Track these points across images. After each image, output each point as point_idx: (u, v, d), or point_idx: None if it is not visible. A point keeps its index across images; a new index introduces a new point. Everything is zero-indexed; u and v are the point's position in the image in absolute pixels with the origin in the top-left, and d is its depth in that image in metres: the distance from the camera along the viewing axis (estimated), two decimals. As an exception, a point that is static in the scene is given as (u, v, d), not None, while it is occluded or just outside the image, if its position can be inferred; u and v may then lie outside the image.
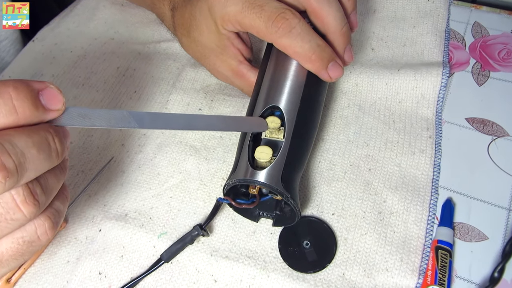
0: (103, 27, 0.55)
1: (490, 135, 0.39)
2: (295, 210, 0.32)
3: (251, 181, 0.31)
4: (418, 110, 0.41)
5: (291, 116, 0.33)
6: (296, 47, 0.33)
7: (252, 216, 0.36)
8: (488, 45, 0.45)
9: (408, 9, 0.49)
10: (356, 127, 0.41)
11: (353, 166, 0.38)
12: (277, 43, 0.34)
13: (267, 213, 0.36)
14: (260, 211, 0.36)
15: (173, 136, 0.42)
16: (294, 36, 0.33)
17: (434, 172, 0.37)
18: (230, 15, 0.35)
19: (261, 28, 0.33)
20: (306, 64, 0.34)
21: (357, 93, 0.43)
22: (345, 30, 0.35)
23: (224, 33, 0.38)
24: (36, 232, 0.26)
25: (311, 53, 0.33)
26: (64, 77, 0.50)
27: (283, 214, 0.35)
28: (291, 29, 0.32)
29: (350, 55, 0.37)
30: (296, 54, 0.33)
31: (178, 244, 0.35)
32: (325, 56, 0.34)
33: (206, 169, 0.40)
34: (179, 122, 0.29)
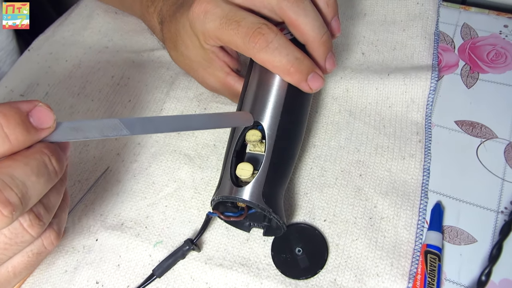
0: (97, 35, 0.56)
1: (479, 137, 0.40)
2: (279, 224, 0.33)
3: (234, 198, 0.32)
4: (408, 114, 0.42)
5: (272, 130, 0.34)
6: (274, 62, 0.33)
7: (243, 227, 0.37)
8: (477, 46, 0.46)
9: (398, 12, 0.49)
10: (347, 133, 0.41)
11: (344, 172, 0.39)
12: (255, 58, 0.34)
13: (257, 224, 0.36)
14: (250, 222, 0.36)
15: (167, 145, 0.43)
16: (271, 51, 0.33)
17: (424, 176, 0.38)
18: (210, 32, 0.35)
19: (239, 44, 0.34)
20: (286, 77, 0.34)
21: (348, 99, 0.43)
22: (325, 39, 0.35)
23: (207, 47, 0.39)
24: (43, 244, 0.28)
25: (289, 66, 0.33)
26: (60, 87, 0.51)
27: (271, 225, 0.36)
28: (268, 43, 0.33)
29: (332, 63, 0.36)
30: (275, 68, 0.34)
31: (169, 259, 0.36)
32: (303, 69, 0.34)
33: (200, 178, 0.41)
34: (169, 125, 0.29)
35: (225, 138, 0.43)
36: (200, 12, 0.35)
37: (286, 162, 0.35)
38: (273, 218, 0.33)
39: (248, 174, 0.32)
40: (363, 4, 0.51)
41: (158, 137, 0.44)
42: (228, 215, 0.34)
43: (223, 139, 0.43)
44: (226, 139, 0.43)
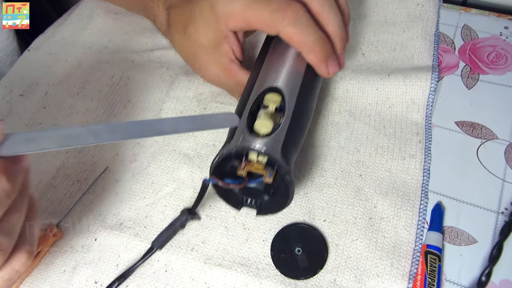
0: (97, 35, 0.56)
1: (479, 138, 0.40)
2: (288, 190, 0.31)
3: (250, 148, 0.30)
4: (408, 115, 0.42)
5: (292, 96, 0.33)
6: (301, 37, 0.33)
7: (235, 202, 0.35)
8: (477, 48, 0.46)
9: (398, 13, 0.49)
10: (347, 133, 0.41)
11: (344, 172, 0.39)
12: (283, 32, 0.34)
13: (252, 200, 0.35)
14: (244, 197, 0.35)
15: (167, 145, 0.43)
16: (300, 26, 0.33)
17: (424, 176, 0.38)
18: (236, 11, 0.36)
19: (267, 19, 0.34)
20: (309, 55, 0.34)
21: (348, 99, 0.43)
22: (344, 35, 0.36)
23: (223, 30, 0.39)
24: (14, 269, 0.25)
25: (314, 44, 0.34)
26: (59, 87, 0.51)
27: (271, 200, 0.34)
28: (298, 18, 0.33)
29: (343, 61, 0.37)
30: (300, 44, 0.34)
31: (168, 230, 0.35)
32: (326, 50, 0.35)
33: (199, 177, 0.41)
34: (143, 130, 0.27)
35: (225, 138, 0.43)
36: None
37: (302, 128, 0.35)
38: (286, 181, 0.31)
39: (268, 129, 0.31)
40: (364, 5, 0.51)
41: (158, 138, 0.44)
42: (227, 182, 0.32)
43: (223, 139, 0.43)
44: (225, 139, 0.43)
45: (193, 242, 0.37)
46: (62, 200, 0.41)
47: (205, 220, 0.38)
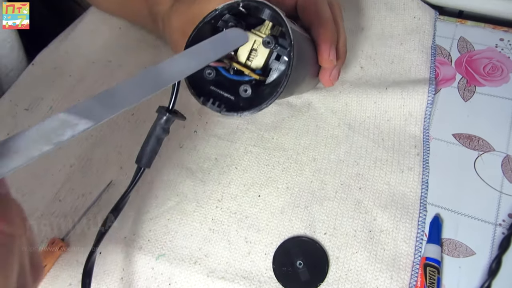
0: (101, 50, 0.56)
1: (477, 150, 0.40)
2: (288, 70, 0.28)
3: (260, 2, 0.28)
4: (406, 127, 0.42)
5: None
6: (320, 6, 0.35)
7: (202, 92, 0.31)
8: (473, 60, 0.46)
9: (395, 26, 0.50)
10: (346, 146, 0.42)
11: (344, 185, 0.40)
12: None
13: (226, 94, 0.31)
14: (215, 89, 0.31)
15: (169, 159, 0.44)
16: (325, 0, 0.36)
17: (422, 189, 0.38)
18: None
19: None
20: (319, 29, 0.35)
21: (347, 113, 0.44)
22: (345, 51, 0.38)
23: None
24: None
25: (329, 20, 0.35)
26: (63, 102, 0.52)
27: (256, 95, 0.30)
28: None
29: (338, 73, 0.39)
30: (317, 14, 0.35)
31: (150, 140, 0.29)
32: (334, 34, 0.35)
33: (202, 191, 0.41)
34: (145, 86, 0.23)
35: (227, 152, 0.44)
36: None
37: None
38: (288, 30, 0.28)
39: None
40: (361, 18, 0.52)
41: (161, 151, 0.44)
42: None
43: (224, 153, 0.44)
44: (228, 153, 0.43)
45: (196, 255, 0.38)
46: (68, 214, 0.42)
47: (208, 233, 0.39)
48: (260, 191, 0.40)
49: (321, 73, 0.38)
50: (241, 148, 0.44)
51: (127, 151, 0.46)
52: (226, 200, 0.40)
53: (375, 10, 0.51)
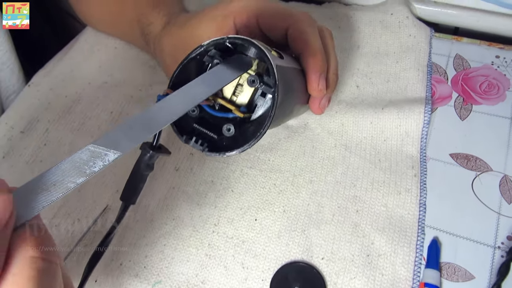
0: (97, 70, 0.56)
1: (474, 170, 0.40)
2: (271, 111, 0.28)
3: (246, 39, 0.28)
4: (403, 148, 0.42)
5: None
6: (311, 36, 0.35)
7: (184, 130, 0.30)
8: (469, 77, 0.46)
9: (391, 44, 0.50)
10: (343, 168, 0.42)
11: (341, 208, 0.39)
12: (296, 26, 0.35)
13: (209, 133, 0.30)
14: (199, 127, 0.31)
15: (166, 182, 0.44)
16: (313, 29, 0.36)
17: (420, 211, 0.38)
18: (251, 5, 0.37)
19: (283, 12, 0.36)
20: (309, 58, 0.35)
21: (344, 133, 0.44)
22: (335, 79, 0.38)
23: (228, 26, 0.38)
24: None
25: (319, 50, 0.35)
26: (60, 123, 0.51)
27: (240, 133, 0.30)
28: (312, 22, 0.36)
29: (328, 101, 0.39)
30: (307, 43, 0.35)
31: (135, 178, 0.29)
32: (324, 64, 0.35)
33: (198, 215, 0.41)
34: (170, 110, 0.24)
35: (223, 175, 0.43)
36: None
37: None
38: (275, 93, 0.28)
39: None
40: (357, 36, 0.52)
41: (157, 174, 0.44)
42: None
43: (221, 175, 0.43)
44: (224, 175, 0.43)
45: (192, 282, 0.37)
46: (63, 239, 0.42)
47: (204, 259, 0.38)
48: (257, 214, 0.40)
49: (310, 101, 0.38)
50: (237, 170, 0.43)
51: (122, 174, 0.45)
52: (222, 224, 0.40)
53: (371, 28, 0.51)
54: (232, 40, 0.29)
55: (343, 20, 0.53)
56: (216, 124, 0.30)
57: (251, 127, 0.30)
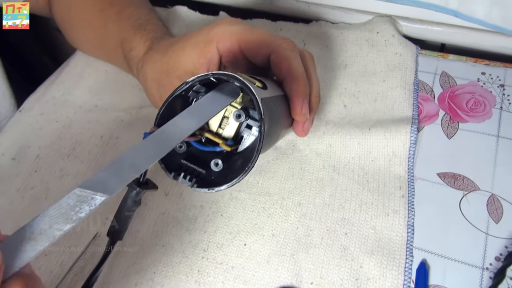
0: (87, 94, 0.57)
1: (462, 190, 0.40)
2: (258, 145, 0.28)
3: (230, 75, 0.28)
4: (390, 168, 0.42)
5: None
6: (294, 63, 0.35)
7: (172, 166, 0.30)
8: (456, 95, 0.47)
9: (377, 63, 0.50)
10: (331, 189, 0.42)
11: (329, 231, 0.39)
12: (278, 53, 0.35)
13: (197, 168, 0.30)
14: (186, 163, 0.30)
15: (156, 208, 0.44)
16: (295, 54, 0.36)
17: (408, 233, 0.38)
18: (234, 32, 0.37)
19: (266, 38, 0.36)
20: (292, 84, 0.35)
21: (331, 154, 0.44)
22: (318, 102, 0.38)
23: (211, 52, 0.38)
24: None
25: (302, 75, 0.35)
26: (50, 149, 0.52)
27: (220, 169, 0.30)
28: (294, 47, 0.36)
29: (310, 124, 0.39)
30: (290, 69, 0.35)
31: (121, 215, 0.29)
32: (307, 89, 0.36)
33: (188, 241, 0.41)
34: (152, 152, 0.24)
35: (212, 199, 0.43)
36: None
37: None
38: (261, 130, 0.28)
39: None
40: (344, 55, 0.52)
41: (147, 200, 0.44)
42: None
43: (210, 199, 0.43)
44: (213, 200, 0.43)
45: (182, 310, 0.37)
46: (54, 269, 0.41)
47: (194, 286, 0.38)
48: (246, 239, 0.40)
49: (294, 125, 0.38)
50: (227, 194, 0.44)
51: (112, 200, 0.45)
52: (212, 250, 0.40)
53: (358, 46, 0.52)
54: (216, 76, 0.29)
55: (330, 39, 0.53)
56: (204, 158, 0.30)
57: (238, 159, 0.30)
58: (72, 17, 0.54)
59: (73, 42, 0.59)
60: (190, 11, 0.62)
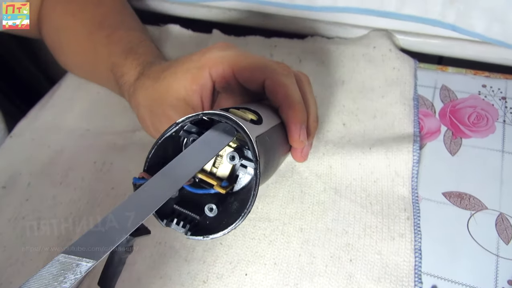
0: (79, 118, 0.55)
1: (469, 209, 0.39)
2: (254, 189, 0.26)
3: (222, 115, 0.26)
4: (394, 188, 0.41)
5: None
6: (289, 89, 0.34)
7: (164, 213, 0.28)
8: (457, 109, 0.45)
9: (375, 78, 0.49)
10: (334, 213, 0.40)
11: (333, 258, 0.38)
12: (272, 79, 0.34)
13: (191, 213, 0.28)
14: (179, 208, 0.29)
15: (152, 237, 0.42)
16: (291, 80, 0.35)
17: (416, 258, 0.37)
18: (227, 57, 0.36)
19: (260, 64, 0.35)
20: (289, 110, 0.34)
21: (332, 176, 0.43)
22: (316, 126, 0.37)
23: (203, 78, 0.37)
24: None
25: (298, 101, 0.34)
26: (42, 176, 0.50)
27: (223, 210, 0.28)
28: (289, 73, 0.35)
29: (308, 151, 0.38)
30: (286, 96, 0.34)
31: (112, 263, 0.26)
32: (304, 115, 0.35)
33: (186, 272, 0.39)
34: (149, 200, 0.22)
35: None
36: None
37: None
38: (256, 172, 0.26)
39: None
40: (341, 71, 0.51)
41: (142, 229, 0.43)
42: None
43: (208, 227, 0.42)
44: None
45: None
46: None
47: (194, 321, 0.37)
48: (247, 268, 0.39)
49: (292, 151, 0.37)
50: (226, 220, 0.42)
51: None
52: (212, 281, 0.39)
53: (354, 62, 0.51)
54: (208, 116, 0.28)
55: (326, 54, 0.52)
56: (197, 202, 0.29)
57: (234, 202, 0.29)
58: (61, 40, 0.53)
59: (64, 65, 0.58)
60: (182, 30, 0.61)
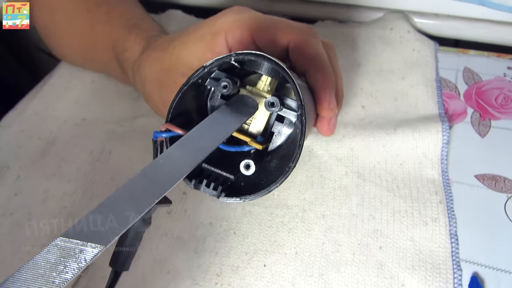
0: (73, 107, 0.51)
1: (504, 192, 0.36)
2: (300, 138, 0.23)
3: (259, 55, 0.23)
4: (422, 171, 0.38)
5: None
6: (316, 48, 0.31)
7: (191, 173, 0.23)
8: (483, 91, 0.43)
9: (394, 60, 0.46)
10: (358, 198, 0.37)
11: (361, 245, 0.34)
12: (298, 39, 0.31)
13: (223, 173, 0.25)
14: (209, 167, 0.25)
15: (157, 229, 0.38)
16: (317, 41, 0.31)
17: (452, 243, 0.33)
18: (244, 19, 0.33)
19: (282, 24, 0.31)
20: (317, 73, 0.30)
21: (354, 159, 0.39)
22: (342, 95, 0.35)
23: (218, 46, 0.33)
24: None
25: (326, 62, 0.31)
26: (32, 169, 0.46)
27: (260, 169, 0.25)
28: (315, 34, 0.32)
29: (335, 124, 0.34)
30: (314, 56, 0.30)
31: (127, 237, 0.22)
32: (333, 78, 0.31)
33: (197, 265, 0.35)
34: (178, 164, 0.19)
35: (222, 215, 0.38)
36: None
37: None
38: (301, 116, 0.23)
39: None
40: (356, 54, 0.48)
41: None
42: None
43: (220, 216, 0.38)
44: (223, 216, 0.38)
45: None
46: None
47: (208, 318, 0.32)
48: (265, 259, 0.35)
49: (319, 123, 0.33)
50: (239, 208, 0.38)
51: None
52: (226, 274, 0.34)
53: (371, 44, 0.48)
54: (241, 57, 0.24)
55: (340, 38, 0.50)
56: (229, 161, 0.25)
57: (272, 160, 0.25)
58: (56, 21, 0.49)
59: (58, 51, 0.54)
60: (184, 15, 0.57)
